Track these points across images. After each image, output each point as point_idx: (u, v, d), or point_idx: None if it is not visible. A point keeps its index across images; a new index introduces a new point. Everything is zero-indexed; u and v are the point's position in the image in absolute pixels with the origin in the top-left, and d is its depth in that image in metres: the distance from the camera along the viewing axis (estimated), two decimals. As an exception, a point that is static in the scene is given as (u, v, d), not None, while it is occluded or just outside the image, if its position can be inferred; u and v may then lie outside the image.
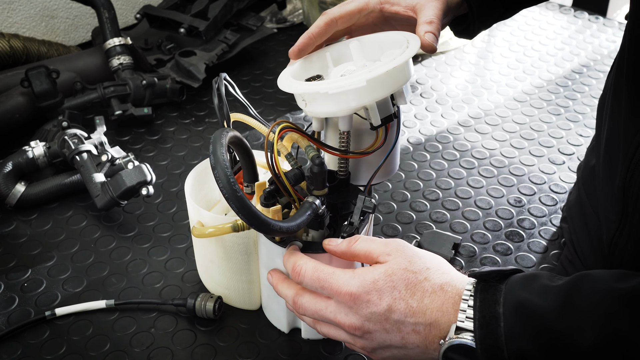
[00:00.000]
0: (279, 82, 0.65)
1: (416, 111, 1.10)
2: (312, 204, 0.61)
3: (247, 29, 1.22)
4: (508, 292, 0.51)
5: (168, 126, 1.06)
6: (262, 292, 0.73)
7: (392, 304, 0.54)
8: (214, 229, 0.65)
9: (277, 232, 0.56)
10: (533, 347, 0.48)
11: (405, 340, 0.54)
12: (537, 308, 0.49)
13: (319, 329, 0.61)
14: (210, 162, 0.54)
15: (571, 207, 0.81)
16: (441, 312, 0.53)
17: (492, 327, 0.50)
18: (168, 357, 0.69)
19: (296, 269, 0.59)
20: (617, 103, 0.63)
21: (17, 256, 0.82)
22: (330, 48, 0.70)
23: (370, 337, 0.56)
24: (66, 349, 0.70)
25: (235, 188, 0.52)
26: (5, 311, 0.74)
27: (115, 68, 1.05)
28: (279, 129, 0.61)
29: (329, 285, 0.56)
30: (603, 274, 0.50)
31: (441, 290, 0.54)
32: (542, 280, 0.51)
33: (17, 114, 0.99)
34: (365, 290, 0.55)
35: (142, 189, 0.84)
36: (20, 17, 1.18)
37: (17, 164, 0.88)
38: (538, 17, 1.40)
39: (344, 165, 0.67)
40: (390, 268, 0.55)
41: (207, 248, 0.72)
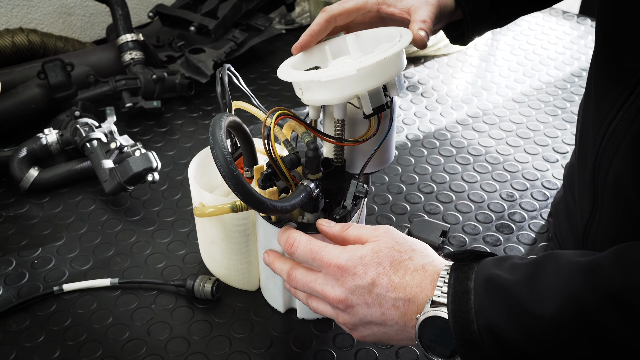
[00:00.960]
0: (279, 72, 0.69)
1: (416, 109, 1.14)
2: (306, 187, 0.64)
3: (256, 28, 1.26)
4: (480, 269, 0.54)
5: (176, 119, 1.11)
6: (261, 273, 0.77)
7: (376, 278, 0.57)
8: (214, 208, 0.69)
9: (271, 210, 0.59)
10: (500, 319, 0.51)
11: (385, 316, 0.57)
12: (504, 282, 0.51)
13: (310, 304, 0.64)
14: (209, 143, 0.58)
15: (557, 204, 0.84)
16: (420, 288, 0.56)
17: (464, 301, 0.53)
18: (166, 330, 0.73)
19: (289, 240, 0.62)
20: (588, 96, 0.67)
21: (29, 236, 0.86)
22: (329, 42, 0.74)
23: (353, 312, 0.59)
24: (71, 321, 0.74)
25: (231, 167, 0.56)
26: (16, 285, 0.79)
27: (127, 63, 1.10)
28: (276, 115, 0.65)
29: (320, 258, 0.60)
30: (568, 252, 0.53)
31: (422, 269, 0.57)
32: (513, 260, 0.54)
33: (33, 104, 1.03)
34: (352, 264, 0.58)
35: (148, 175, 0.89)
36: (39, 13, 1.24)
37: (32, 149, 0.93)
38: (541, 22, 1.43)
39: (339, 152, 0.71)
40: (377, 246, 0.59)
41: (209, 229, 0.75)
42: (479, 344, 0.52)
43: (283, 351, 0.71)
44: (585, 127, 0.68)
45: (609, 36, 0.62)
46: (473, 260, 0.56)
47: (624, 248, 0.49)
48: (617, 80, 0.60)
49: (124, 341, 0.72)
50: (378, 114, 0.66)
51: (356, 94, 0.64)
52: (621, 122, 0.59)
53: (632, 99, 0.57)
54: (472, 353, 0.52)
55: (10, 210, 0.90)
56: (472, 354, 0.52)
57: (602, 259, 0.49)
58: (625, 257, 0.48)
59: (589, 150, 0.64)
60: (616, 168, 0.60)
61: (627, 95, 0.58)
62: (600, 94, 0.63)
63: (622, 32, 0.59)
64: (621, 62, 0.60)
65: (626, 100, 0.58)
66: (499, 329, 0.51)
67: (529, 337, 0.50)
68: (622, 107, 0.59)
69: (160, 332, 0.73)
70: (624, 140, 0.59)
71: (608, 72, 0.62)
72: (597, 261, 0.49)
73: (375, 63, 0.63)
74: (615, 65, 0.61)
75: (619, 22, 0.59)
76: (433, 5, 0.70)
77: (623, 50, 0.59)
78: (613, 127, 0.60)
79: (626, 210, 0.60)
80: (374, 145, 0.70)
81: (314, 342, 0.72)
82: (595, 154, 0.62)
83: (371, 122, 0.68)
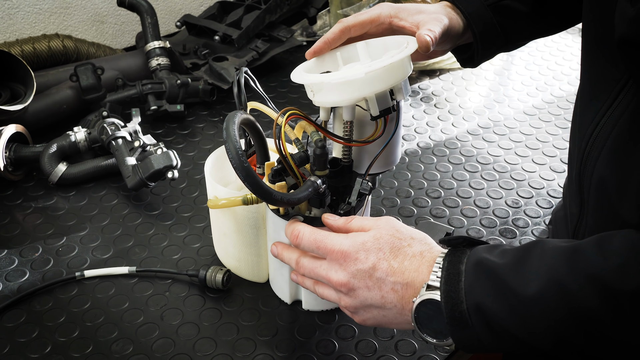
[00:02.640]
0: (293, 75, 0.73)
1: (429, 119, 1.17)
2: (313, 182, 0.68)
3: (278, 39, 1.32)
4: (472, 253, 0.58)
5: (198, 123, 1.16)
6: (269, 266, 0.80)
7: (377, 262, 0.61)
8: (226, 200, 0.74)
9: (278, 201, 0.63)
10: (488, 299, 0.54)
11: (384, 299, 0.61)
12: (493, 265, 0.55)
13: (317, 290, 0.67)
14: (223, 138, 0.62)
15: (558, 211, 0.87)
16: (417, 273, 0.59)
17: (455, 282, 0.56)
18: (179, 316, 0.77)
19: (294, 232, 0.66)
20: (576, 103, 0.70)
21: (55, 225, 0.92)
22: (341, 49, 0.78)
23: (354, 295, 0.62)
24: (91, 304, 0.79)
25: (242, 159, 0.60)
26: (42, 270, 0.84)
27: (153, 68, 1.16)
28: (287, 115, 0.70)
29: (324, 245, 0.63)
30: (555, 239, 0.57)
31: (420, 255, 0.60)
32: (503, 247, 0.58)
33: (65, 105, 1.10)
34: (355, 249, 0.62)
35: (168, 172, 0.94)
36: (74, 21, 1.31)
37: (61, 146, 0.99)
38: (557, 39, 1.46)
39: (347, 152, 0.75)
40: (378, 232, 0.62)
41: (222, 221, 0.80)
42: (467, 322, 0.55)
43: (287, 339, 0.75)
44: (574, 132, 0.71)
45: (593, 46, 0.65)
46: (467, 247, 0.59)
47: (605, 235, 0.53)
48: (602, 88, 0.63)
49: (138, 324, 0.76)
50: (384, 116, 0.71)
51: (364, 97, 0.68)
52: (604, 128, 0.62)
53: (615, 106, 0.61)
54: (462, 332, 0.56)
55: (39, 201, 0.96)
56: (462, 333, 0.56)
57: (584, 244, 0.53)
58: (605, 243, 0.52)
59: (576, 155, 0.67)
60: (599, 172, 0.63)
61: (610, 103, 0.62)
62: (586, 100, 0.67)
63: (604, 43, 0.62)
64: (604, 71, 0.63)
65: (609, 107, 0.62)
66: (486, 308, 0.54)
67: (514, 316, 0.53)
68: (605, 114, 0.62)
69: (172, 317, 0.77)
70: (605, 145, 0.62)
71: (593, 79, 0.65)
72: (579, 245, 0.53)
73: (382, 67, 0.67)
74: (599, 73, 0.64)
75: (601, 32, 0.62)
76: (441, 21, 0.74)
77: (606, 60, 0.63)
78: (597, 132, 0.63)
79: (609, 213, 0.63)
80: (380, 146, 0.74)
81: (317, 332, 0.76)
82: (581, 157, 0.65)
83: (378, 124, 0.72)
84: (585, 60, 0.68)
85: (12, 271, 0.84)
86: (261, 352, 0.73)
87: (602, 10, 0.61)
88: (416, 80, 1.30)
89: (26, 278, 0.83)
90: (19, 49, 1.14)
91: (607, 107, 0.61)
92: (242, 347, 0.73)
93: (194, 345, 0.74)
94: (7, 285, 0.81)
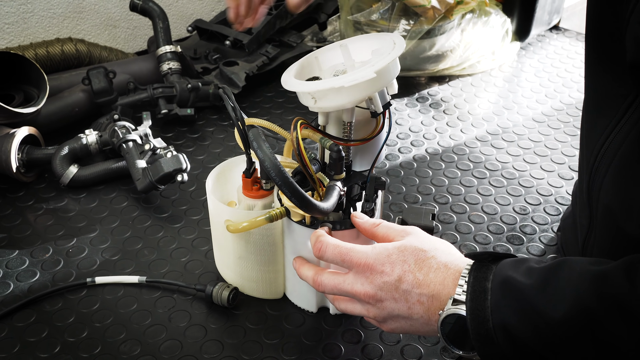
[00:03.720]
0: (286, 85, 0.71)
1: (437, 125, 1.18)
2: (336, 187, 0.69)
3: (288, 45, 1.33)
4: (498, 270, 0.58)
5: (208, 127, 1.17)
6: (289, 278, 0.79)
7: (402, 275, 0.61)
8: (248, 223, 0.71)
9: (320, 211, 0.64)
10: (514, 318, 0.55)
11: (411, 310, 0.61)
12: (519, 285, 0.55)
13: (337, 305, 0.68)
14: (258, 157, 0.62)
15: (566, 218, 0.87)
16: (442, 286, 0.60)
17: (481, 300, 0.57)
18: (186, 318, 0.78)
19: (317, 245, 0.66)
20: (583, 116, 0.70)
21: (66, 227, 0.93)
22: (318, 53, 0.79)
23: (382, 306, 0.63)
24: (100, 305, 0.80)
25: (286, 175, 0.60)
26: (52, 270, 0.85)
27: (164, 72, 1.17)
28: (299, 124, 0.70)
29: (349, 259, 0.64)
30: (582, 259, 0.57)
31: (445, 267, 0.61)
32: (529, 263, 0.58)
33: (77, 108, 1.11)
34: (380, 262, 0.62)
35: (178, 175, 0.94)
36: (88, 25, 1.32)
37: (73, 148, 1.00)
38: (567, 46, 1.46)
39: (347, 153, 0.75)
40: (403, 245, 0.63)
41: (236, 245, 0.76)
42: (493, 340, 0.56)
43: (294, 343, 0.75)
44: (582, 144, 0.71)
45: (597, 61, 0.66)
46: (492, 262, 0.60)
47: (633, 259, 0.53)
48: (609, 103, 0.63)
49: (146, 326, 0.77)
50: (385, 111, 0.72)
51: (370, 95, 0.69)
52: (612, 144, 0.62)
53: (623, 122, 0.61)
54: (487, 348, 0.57)
55: (50, 203, 0.97)
56: (487, 349, 0.57)
57: (612, 270, 0.53)
58: (634, 268, 0.52)
59: (585, 168, 0.68)
60: (606, 188, 0.64)
61: (618, 119, 0.62)
62: (593, 114, 0.67)
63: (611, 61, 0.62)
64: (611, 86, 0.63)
65: (617, 124, 0.62)
66: (512, 328, 0.55)
67: (539, 336, 0.54)
68: (612, 130, 0.63)
69: (180, 319, 0.78)
70: (612, 162, 0.62)
71: (599, 94, 0.65)
72: (607, 271, 0.53)
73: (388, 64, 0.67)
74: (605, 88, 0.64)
75: (608, 50, 0.63)
76: None
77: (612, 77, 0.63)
78: (605, 149, 0.63)
79: (615, 228, 0.63)
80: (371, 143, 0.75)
81: (323, 336, 0.76)
82: (589, 172, 0.66)
83: (377, 121, 0.74)
84: (590, 74, 0.68)
85: (23, 271, 0.85)
86: (267, 355, 0.73)
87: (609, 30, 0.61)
88: (425, 86, 1.30)
89: (37, 278, 0.84)
90: (33, 52, 1.16)
91: (615, 123, 0.62)
92: (248, 350, 0.74)
93: (201, 347, 0.74)
94: (17, 285, 0.82)
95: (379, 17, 1.26)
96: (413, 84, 1.31)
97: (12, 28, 1.23)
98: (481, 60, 1.33)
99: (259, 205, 0.76)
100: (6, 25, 1.21)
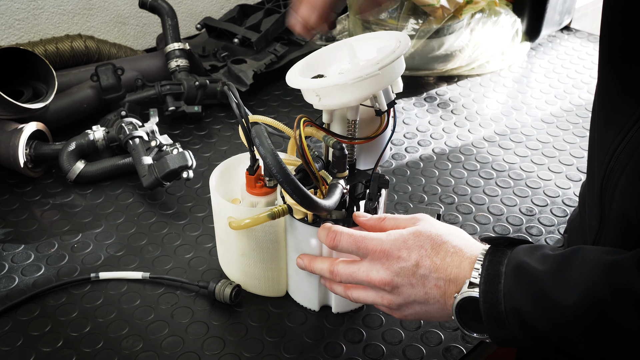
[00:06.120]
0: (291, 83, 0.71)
1: (445, 125, 1.17)
2: (339, 184, 0.69)
3: (296, 43, 1.32)
4: (512, 255, 0.58)
5: (215, 124, 1.17)
6: (291, 276, 0.79)
7: (420, 260, 0.61)
8: (250, 220, 0.71)
9: (321, 208, 0.63)
10: (526, 303, 0.55)
11: (428, 295, 0.61)
12: (533, 271, 0.56)
13: (350, 294, 0.68)
14: (260, 153, 0.61)
15: (573, 220, 0.86)
16: (459, 269, 0.60)
17: (494, 283, 0.57)
18: (188, 315, 0.78)
19: (330, 235, 0.66)
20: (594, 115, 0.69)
21: (71, 222, 0.93)
22: (324, 51, 0.78)
23: (398, 292, 0.63)
24: (103, 301, 0.80)
25: (287, 172, 0.60)
26: (57, 265, 0.85)
27: (172, 69, 1.17)
28: (302, 122, 0.70)
29: (365, 246, 0.64)
30: (597, 248, 0.57)
31: (461, 252, 0.61)
32: (544, 250, 0.58)
33: (85, 104, 1.12)
34: (396, 248, 0.62)
35: (183, 172, 0.95)
36: (97, 22, 1.33)
37: (80, 144, 1.00)
38: (578, 47, 1.44)
39: (351, 151, 0.75)
40: (417, 230, 0.63)
41: (239, 242, 0.76)
42: (505, 323, 0.56)
43: (295, 341, 0.75)
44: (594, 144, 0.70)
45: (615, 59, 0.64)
46: (508, 246, 0.60)
47: None
48: (628, 101, 0.62)
49: (149, 322, 0.77)
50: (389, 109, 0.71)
51: (375, 93, 0.69)
52: (630, 143, 0.61)
53: None
54: (499, 330, 0.57)
55: (57, 198, 0.98)
56: (499, 331, 0.57)
57: (625, 259, 0.53)
58: None
59: (598, 169, 0.67)
60: (622, 188, 0.63)
61: (636, 118, 0.61)
62: (610, 112, 0.66)
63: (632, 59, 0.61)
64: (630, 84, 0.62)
65: (635, 122, 0.61)
66: (523, 312, 0.55)
67: (550, 322, 0.54)
68: (631, 129, 0.61)
69: (182, 315, 0.78)
70: (630, 161, 0.61)
71: (618, 92, 0.64)
72: (620, 260, 0.53)
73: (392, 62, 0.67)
74: (624, 86, 0.63)
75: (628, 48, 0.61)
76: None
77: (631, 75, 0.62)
78: (622, 148, 0.62)
79: (629, 230, 0.63)
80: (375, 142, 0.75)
81: (325, 335, 0.76)
82: (604, 172, 0.65)
83: (382, 119, 0.73)
84: (604, 74, 0.67)
85: (28, 266, 0.85)
86: (269, 353, 0.73)
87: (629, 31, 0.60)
88: (434, 86, 1.30)
89: (41, 273, 0.84)
90: (43, 48, 1.17)
91: (634, 121, 0.61)
92: (250, 347, 0.74)
93: (202, 343, 0.74)
94: (22, 279, 0.83)
95: (388, 16, 1.26)
96: (421, 84, 1.30)
97: (23, 24, 1.23)
98: (490, 60, 1.32)
99: (262, 203, 0.76)
100: (17, 21, 1.22)
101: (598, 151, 0.67)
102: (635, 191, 0.62)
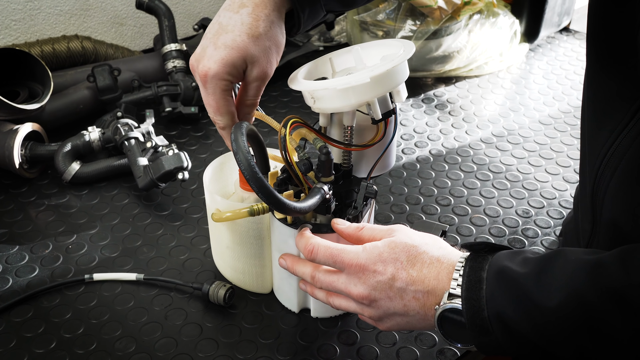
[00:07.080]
0: (291, 84, 0.72)
1: (442, 127, 1.17)
2: (320, 189, 0.68)
3: (294, 44, 1.32)
4: (494, 261, 0.57)
5: (211, 125, 1.17)
6: (274, 275, 0.79)
7: (395, 273, 0.60)
8: (232, 213, 0.71)
9: (291, 210, 0.62)
10: (509, 308, 0.55)
11: (407, 307, 0.61)
12: (515, 274, 0.55)
13: (331, 302, 0.67)
14: (232, 149, 0.61)
15: (568, 223, 0.86)
16: (437, 281, 0.59)
17: (476, 289, 0.56)
18: (182, 316, 0.78)
19: (308, 247, 0.65)
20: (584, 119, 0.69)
21: (66, 223, 0.93)
22: (333, 54, 0.78)
23: (377, 306, 0.62)
24: (97, 302, 0.80)
25: (255, 170, 0.59)
26: (51, 266, 0.85)
27: (169, 70, 1.17)
28: (290, 123, 0.70)
29: (341, 260, 0.63)
30: (578, 250, 0.56)
31: (438, 262, 0.60)
32: (525, 254, 0.58)
33: (82, 105, 1.12)
34: (372, 261, 0.61)
35: (179, 173, 0.94)
36: (94, 22, 1.33)
37: (75, 145, 1.00)
38: (577, 49, 1.44)
39: (347, 157, 0.75)
40: (392, 242, 0.62)
41: (224, 234, 0.78)
42: (488, 329, 0.56)
43: (289, 343, 0.75)
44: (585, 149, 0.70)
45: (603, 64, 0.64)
46: (488, 252, 0.59)
47: (629, 248, 0.53)
48: (616, 107, 0.62)
49: (142, 323, 0.77)
50: (386, 119, 0.71)
51: (367, 101, 0.69)
52: (619, 148, 0.61)
53: (631, 126, 0.60)
54: (483, 337, 0.56)
55: (52, 199, 0.98)
56: (483, 338, 0.57)
57: (607, 257, 0.52)
58: (629, 257, 0.51)
59: (589, 173, 0.66)
60: (611, 193, 0.63)
61: (626, 122, 0.61)
62: (599, 117, 0.65)
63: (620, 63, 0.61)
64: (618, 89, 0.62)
65: (625, 127, 0.61)
66: (507, 318, 0.55)
67: (534, 326, 0.54)
68: (620, 134, 0.61)
69: (176, 317, 0.78)
70: (619, 166, 0.61)
71: (606, 98, 0.64)
72: (602, 259, 0.52)
73: (385, 71, 0.67)
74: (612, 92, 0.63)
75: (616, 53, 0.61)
76: None
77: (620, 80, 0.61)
78: (611, 153, 0.62)
79: (620, 236, 0.62)
80: (377, 150, 0.74)
81: (319, 337, 0.75)
82: (594, 177, 0.64)
83: (379, 128, 0.73)
84: (593, 77, 0.67)
85: (22, 267, 0.85)
86: (262, 355, 0.73)
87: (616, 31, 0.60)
88: (431, 87, 1.30)
89: (35, 274, 0.84)
90: (39, 49, 1.16)
91: (622, 126, 0.60)
92: (243, 350, 0.74)
93: (196, 345, 0.74)
94: (16, 280, 0.83)
95: (385, 17, 1.26)
96: (419, 85, 1.30)
97: (19, 25, 1.23)
98: (489, 61, 1.32)
99: (252, 199, 0.76)
100: (13, 22, 1.22)
101: (589, 156, 0.66)
102: (624, 197, 0.62)
